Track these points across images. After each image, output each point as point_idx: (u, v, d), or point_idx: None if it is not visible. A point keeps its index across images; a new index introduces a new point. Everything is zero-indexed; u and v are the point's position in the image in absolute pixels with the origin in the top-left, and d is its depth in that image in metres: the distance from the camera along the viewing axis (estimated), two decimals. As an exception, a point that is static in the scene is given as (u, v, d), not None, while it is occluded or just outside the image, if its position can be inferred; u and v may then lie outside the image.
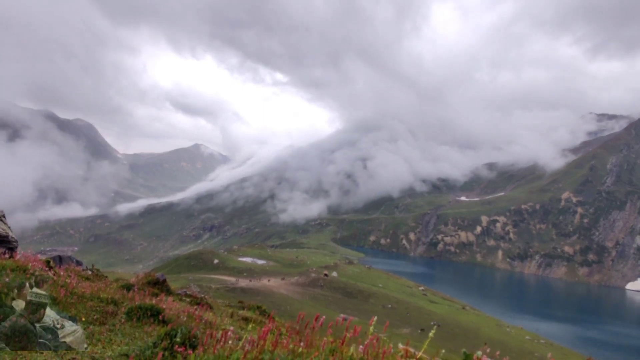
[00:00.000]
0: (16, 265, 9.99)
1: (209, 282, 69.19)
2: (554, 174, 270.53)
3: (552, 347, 68.59)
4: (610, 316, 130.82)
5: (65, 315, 5.74)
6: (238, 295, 56.45)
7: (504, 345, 56.80)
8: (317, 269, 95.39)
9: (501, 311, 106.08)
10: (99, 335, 7.63)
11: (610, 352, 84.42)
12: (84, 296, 9.87)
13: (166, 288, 17.57)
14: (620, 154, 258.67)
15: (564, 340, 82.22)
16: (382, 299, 76.18)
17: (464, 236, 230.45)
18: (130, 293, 11.92)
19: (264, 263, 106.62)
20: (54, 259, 23.00)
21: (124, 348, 6.99)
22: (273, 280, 78.93)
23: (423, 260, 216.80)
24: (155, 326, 8.83)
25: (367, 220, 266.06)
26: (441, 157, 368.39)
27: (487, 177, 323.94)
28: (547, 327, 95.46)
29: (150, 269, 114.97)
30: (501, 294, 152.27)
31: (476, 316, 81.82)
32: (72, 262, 21.62)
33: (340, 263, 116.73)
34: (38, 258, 12.15)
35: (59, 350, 5.50)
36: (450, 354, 37.14)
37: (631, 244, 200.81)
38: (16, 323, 4.94)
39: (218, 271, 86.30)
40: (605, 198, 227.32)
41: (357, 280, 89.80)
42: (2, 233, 14.05)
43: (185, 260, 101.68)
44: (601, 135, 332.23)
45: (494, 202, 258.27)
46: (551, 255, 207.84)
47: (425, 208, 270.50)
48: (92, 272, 18.87)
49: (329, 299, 70.19)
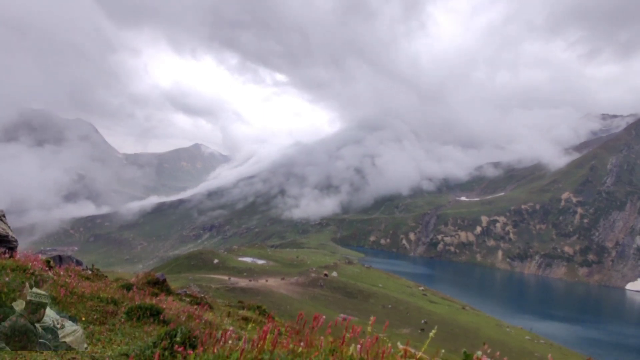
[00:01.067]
0: (16, 265, 9.99)
1: (209, 281, 69.16)
2: (554, 174, 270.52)
3: (552, 347, 68.60)
4: (610, 316, 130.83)
5: (65, 315, 5.74)
6: (238, 295, 56.45)
7: (504, 345, 56.80)
8: (317, 268, 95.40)
9: (501, 311, 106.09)
10: (99, 334, 7.63)
11: (609, 352, 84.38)
12: (84, 296, 9.87)
13: (166, 288, 17.57)
14: (621, 154, 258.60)
15: (564, 341, 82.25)
16: (382, 299, 76.18)
17: (464, 236, 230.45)
18: (130, 293, 11.93)
19: (264, 263, 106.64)
20: (54, 258, 23.00)
21: (124, 348, 6.99)
22: (273, 280, 78.92)
23: (423, 260, 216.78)
24: (155, 326, 8.84)
25: (367, 220, 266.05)
26: (444, 157, 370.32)
27: (490, 177, 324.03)
28: (547, 327, 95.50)
29: (150, 268, 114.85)
30: (501, 294, 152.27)
31: (476, 316, 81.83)
32: (72, 262, 21.62)
33: (340, 263, 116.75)
34: (38, 258, 12.15)
35: (59, 350, 5.50)
36: (450, 354, 37.18)
37: (631, 244, 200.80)
38: (16, 323, 4.94)
39: (218, 271, 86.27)
40: (605, 198, 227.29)
41: (357, 280, 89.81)
42: (2, 233, 14.05)
43: (185, 260, 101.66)
44: (605, 133, 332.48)
45: (494, 202, 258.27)
46: (551, 255, 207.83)
47: (425, 208, 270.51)
48: (92, 271, 18.87)
49: (328, 299, 70.19)
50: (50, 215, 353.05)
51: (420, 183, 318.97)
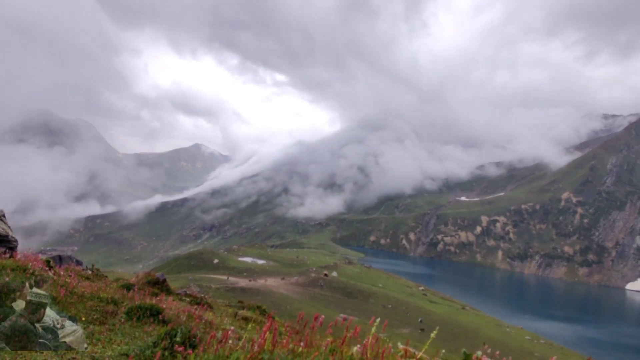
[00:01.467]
0: (16, 265, 9.99)
1: (209, 281, 69.16)
2: (555, 174, 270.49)
3: (552, 347, 68.59)
4: (610, 316, 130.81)
5: (65, 315, 5.74)
6: (238, 295, 56.45)
7: (503, 345, 56.80)
8: (317, 268, 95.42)
9: (501, 311, 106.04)
10: (99, 334, 7.63)
11: (609, 352, 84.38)
12: (84, 296, 9.87)
13: (166, 288, 17.57)
14: (621, 154, 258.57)
15: (564, 340, 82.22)
16: (382, 299, 76.19)
17: (464, 236, 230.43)
18: (130, 293, 11.92)
19: (264, 263, 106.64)
20: (54, 258, 23.01)
21: (124, 348, 6.99)
22: (273, 280, 78.91)
23: (423, 260, 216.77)
24: (155, 326, 8.83)
25: (367, 220, 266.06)
26: (445, 157, 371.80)
27: (490, 177, 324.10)
28: (546, 327, 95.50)
29: (150, 268, 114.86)
30: (501, 294, 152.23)
31: (476, 316, 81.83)
32: (72, 262, 21.63)
33: (340, 263, 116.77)
34: (38, 258, 12.15)
35: (59, 350, 5.50)
36: (450, 354, 37.15)
37: (631, 244, 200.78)
38: (16, 323, 4.94)
39: (218, 271, 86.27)
40: (605, 198, 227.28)
41: (357, 280, 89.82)
42: (2, 233, 14.05)
43: (185, 260, 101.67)
44: (606, 133, 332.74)
45: (494, 202, 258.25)
46: (551, 255, 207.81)
47: (425, 208, 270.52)
48: (92, 271, 18.87)
49: (328, 299, 70.20)
50: (56, 215, 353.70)
51: (422, 182, 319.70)
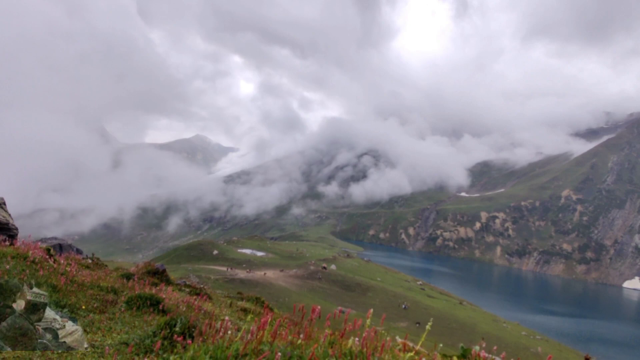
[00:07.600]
0: (16, 253, 10.03)
1: (208, 272, 69.47)
2: (555, 171, 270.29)
3: (548, 343, 69.03)
4: (606, 313, 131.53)
5: (65, 315, 5.75)
6: (237, 286, 56.75)
7: (500, 340, 57.16)
8: (315, 261, 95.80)
9: (498, 307, 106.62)
10: (99, 323, 7.66)
11: (605, 348, 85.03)
12: (84, 284, 9.90)
13: (166, 278, 17.64)
14: (622, 153, 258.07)
15: (560, 337, 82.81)
16: (380, 293, 76.59)
17: (463, 232, 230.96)
18: (130, 282, 11.97)
19: (263, 255, 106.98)
20: (54, 247, 23.09)
21: (123, 337, 7.03)
22: (272, 272, 79.26)
23: (422, 254, 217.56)
24: (154, 315, 8.88)
25: (367, 214, 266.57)
26: (446, 152, 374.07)
27: (490, 173, 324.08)
28: (543, 323, 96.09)
29: (150, 258, 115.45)
30: (499, 290, 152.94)
31: (473, 311, 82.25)
32: (72, 251, 21.70)
33: (339, 256, 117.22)
34: (38, 246, 12.18)
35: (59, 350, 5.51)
36: (447, 348, 37.38)
37: (629, 242, 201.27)
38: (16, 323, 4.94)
39: (217, 262, 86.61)
40: (605, 196, 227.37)
41: (356, 274, 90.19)
42: (3, 220, 14.09)
43: (184, 251, 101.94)
44: (607, 131, 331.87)
45: (493, 198, 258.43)
46: (549, 252, 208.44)
47: (424, 203, 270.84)
48: (92, 260, 18.95)
49: (327, 292, 70.57)
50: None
51: (424, 177, 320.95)
